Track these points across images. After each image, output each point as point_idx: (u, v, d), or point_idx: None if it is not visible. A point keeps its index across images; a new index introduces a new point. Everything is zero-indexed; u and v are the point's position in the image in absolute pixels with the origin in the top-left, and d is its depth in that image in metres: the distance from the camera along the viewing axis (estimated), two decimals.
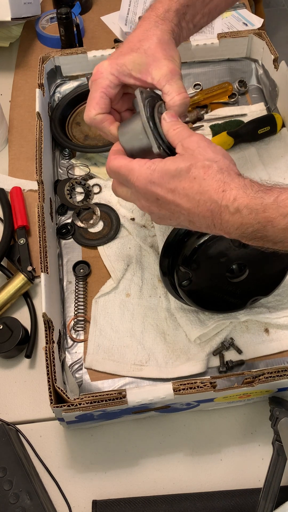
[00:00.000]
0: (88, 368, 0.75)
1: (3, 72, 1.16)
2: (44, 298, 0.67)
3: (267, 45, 0.99)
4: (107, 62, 0.64)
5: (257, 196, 0.51)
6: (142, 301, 0.80)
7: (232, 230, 0.53)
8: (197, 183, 0.53)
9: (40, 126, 0.86)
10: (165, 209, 0.57)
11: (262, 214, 0.50)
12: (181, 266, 0.68)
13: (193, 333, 0.75)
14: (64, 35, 1.10)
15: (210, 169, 0.53)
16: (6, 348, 0.75)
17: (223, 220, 0.53)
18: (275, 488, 0.62)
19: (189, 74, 1.06)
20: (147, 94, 0.61)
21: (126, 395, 0.61)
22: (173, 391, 0.61)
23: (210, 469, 0.70)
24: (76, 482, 0.69)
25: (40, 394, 0.75)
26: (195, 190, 0.53)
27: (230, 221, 0.52)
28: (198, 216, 0.54)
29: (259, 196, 0.51)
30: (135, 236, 0.86)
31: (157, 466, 0.70)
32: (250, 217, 0.51)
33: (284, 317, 0.76)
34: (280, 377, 0.62)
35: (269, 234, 0.51)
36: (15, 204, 0.91)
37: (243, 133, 0.96)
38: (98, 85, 0.63)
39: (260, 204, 0.50)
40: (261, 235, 0.52)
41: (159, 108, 0.61)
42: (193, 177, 0.53)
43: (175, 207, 0.55)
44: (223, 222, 0.53)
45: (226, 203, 0.51)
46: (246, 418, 0.73)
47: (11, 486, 0.64)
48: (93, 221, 0.89)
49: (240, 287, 0.71)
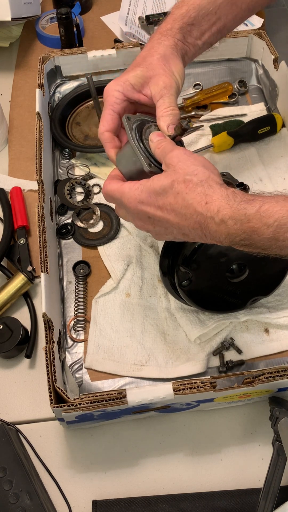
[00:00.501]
0: (88, 368, 0.75)
1: (3, 72, 1.16)
2: (44, 298, 0.67)
3: (267, 45, 0.99)
4: (114, 80, 0.67)
5: (240, 207, 0.52)
6: (142, 301, 0.80)
7: (222, 239, 0.54)
8: (181, 197, 0.55)
9: (40, 126, 0.86)
10: (158, 226, 0.59)
11: (247, 224, 0.52)
12: (181, 266, 0.68)
13: (193, 333, 0.75)
14: (64, 35, 1.10)
15: (191, 183, 0.54)
16: (6, 348, 0.75)
17: (211, 231, 0.54)
18: (275, 488, 0.62)
19: (189, 74, 1.06)
20: (134, 118, 0.64)
21: (126, 395, 0.61)
22: (173, 391, 0.61)
23: (210, 469, 0.70)
24: (76, 482, 0.69)
25: (40, 394, 0.75)
26: (180, 204, 0.55)
27: (218, 231, 0.54)
28: (188, 228, 0.56)
29: (242, 207, 0.52)
30: (135, 236, 0.86)
31: (157, 466, 0.70)
32: (235, 227, 0.52)
33: (284, 317, 0.76)
34: (280, 377, 0.62)
35: (256, 242, 0.53)
36: (15, 204, 0.91)
37: (243, 133, 0.96)
38: (107, 103, 0.66)
39: (244, 214, 0.52)
40: (248, 243, 0.53)
41: (147, 130, 0.64)
42: (176, 192, 0.55)
43: (166, 222, 0.57)
44: (212, 233, 0.54)
45: (211, 215, 0.53)
46: (246, 418, 0.73)
47: (11, 486, 0.64)
48: (93, 221, 0.89)
49: (240, 287, 0.71)
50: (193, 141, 0.98)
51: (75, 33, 1.10)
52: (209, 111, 1.03)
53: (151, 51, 0.67)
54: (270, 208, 0.51)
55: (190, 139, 0.98)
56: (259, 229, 0.51)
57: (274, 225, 0.51)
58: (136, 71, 0.66)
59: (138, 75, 0.66)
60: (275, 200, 0.52)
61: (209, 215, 0.53)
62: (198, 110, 1.04)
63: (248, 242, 0.53)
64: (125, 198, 0.59)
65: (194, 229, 0.55)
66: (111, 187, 0.61)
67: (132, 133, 0.63)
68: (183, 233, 0.57)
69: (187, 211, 0.54)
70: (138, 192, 0.58)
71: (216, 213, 0.52)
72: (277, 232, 0.51)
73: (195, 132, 0.99)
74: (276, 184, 0.92)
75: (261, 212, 0.51)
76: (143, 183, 0.58)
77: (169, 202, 0.55)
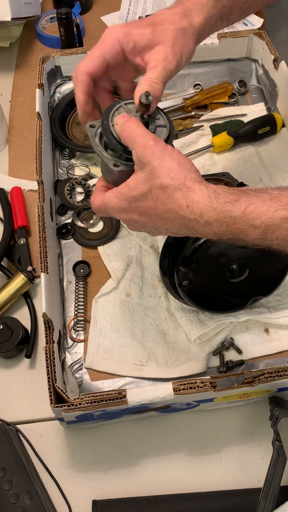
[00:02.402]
0: (88, 368, 0.75)
1: (3, 72, 1.16)
2: (44, 298, 0.67)
3: (267, 45, 0.99)
4: (119, 26, 0.60)
5: (225, 210, 0.51)
6: (142, 301, 0.80)
7: (210, 236, 0.54)
8: (161, 202, 0.54)
9: (40, 126, 0.86)
10: (147, 227, 0.59)
11: (233, 226, 0.51)
12: (181, 266, 0.68)
13: (193, 333, 0.75)
14: (64, 35, 1.10)
15: (168, 189, 0.53)
16: (6, 348, 0.75)
17: (197, 231, 0.54)
18: (275, 488, 0.62)
19: (189, 74, 1.06)
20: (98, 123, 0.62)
21: (126, 395, 0.61)
22: (173, 391, 0.61)
23: (210, 469, 0.70)
24: (76, 482, 0.69)
25: (40, 394, 0.75)
26: (161, 209, 0.54)
27: (204, 232, 0.53)
28: (175, 228, 0.56)
29: (226, 209, 0.51)
30: (135, 236, 0.86)
31: (157, 466, 0.70)
32: (221, 228, 0.52)
33: (284, 317, 0.76)
34: (280, 377, 0.62)
35: (243, 241, 0.52)
36: (15, 204, 0.91)
37: (243, 133, 0.96)
38: (101, 45, 0.60)
39: (229, 217, 0.51)
40: (237, 240, 0.53)
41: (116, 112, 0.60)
42: (155, 197, 0.54)
43: (152, 225, 0.57)
44: (199, 232, 0.54)
45: (195, 217, 0.52)
46: (246, 418, 0.73)
47: (11, 486, 0.64)
48: (93, 221, 0.89)
49: (240, 287, 0.71)
50: (193, 141, 0.98)
51: (75, 33, 1.10)
52: (209, 111, 1.03)
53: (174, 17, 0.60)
54: (256, 209, 0.50)
55: (190, 139, 0.98)
56: (246, 231, 0.51)
57: (261, 226, 0.50)
58: (146, 30, 0.60)
59: (145, 37, 0.59)
60: (261, 200, 0.50)
61: (192, 217, 0.52)
62: (198, 110, 1.04)
63: (236, 240, 0.53)
64: (109, 208, 0.58)
65: (181, 229, 0.55)
66: (96, 203, 0.60)
67: (95, 139, 0.61)
68: (172, 232, 0.57)
69: (169, 215, 0.54)
70: (118, 201, 0.57)
71: (200, 215, 0.51)
72: (265, 233, 0.50)
73: (195, 132, 0.99)
74: (276, 184, 0.92)
75: (247, 213, 0.50)
76: (121, 190, 0.56)
77: (150, 206, 0.54)
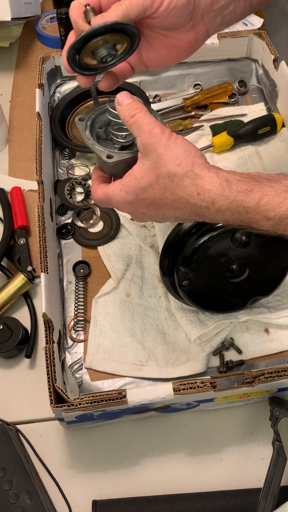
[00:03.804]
0: (88, 368, 0.75)
1: (3, 72, 1.16)
2: (44, 298, 0.67)
3: (267, 45, 0.99)
4: None
5: (238, 200, 0.50)
6: (142, 301, 0.80)
7: (221, 222, 0.54)
8: (169, 192, 0.53)
9: (40, 126, 0.86)
10: (155, 217, 0.58)
11: (245, 216, 0.51)
12: (181, 266, 0.68)
13: (193, 333, 0.75)
14: (64, 35, 1.10)
15: (175, 177, 0.52)
16: (6, 348, 0.75)
17: (208, 217, 0.54)
18: (275, 488, 0.62)
19: (189, 74, 1.06)
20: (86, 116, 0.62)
21: (126, 395, 0.61)
22: (173, 391, 0.61)
23: (210, 469, 0.70)
24: (76, 482, 0.69)
25: (40, 394, 0.75)
26: (170, 199, 0.53)
27: (215, 218, 0.53)
28: (186, 216, 0.55)
29: (239, 199, 0.50)
30: (135, 236, 0.86)
31: (157, 466, 0.70)
32: (233, 217, 0.52)
33: (284, 317, 0.76)
34: (280, 377, 0.62)
35: (255, 228, 0.52)
36: (15, 204, 0.91)
37: (243, 133, 0.96)
38: None
39: (242, 207, 0.50)
40: (248, 228, 0.53)
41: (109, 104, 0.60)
42: (163, 187, 0.53)
43: (161, 214, 0.57)
44: (209, 219, 0.54)
45: (206, 205, 0.52)
46: (246, 418, 0.73)
47: (11, 486, 0.64)
48: (93, 221, 0.89)
49: (240, 287, 0.71)
50: (193, 141, 0.98)
51: None
52: (209, 111, 1.03)
53: None
54: (270, 201, 0.49)
55: (190, 139, 0.98)
56: (259, 221, 0.51)
57: (275, 218, 0.50)
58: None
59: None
60: (275, 191, 0.50)
61: (204, 205, 0.52)
62: (198, 110, 1.04)
63: (246, 228, 0.53)
64: (114, 202, 0.58)
65: (191, 216, 0.55)
66: (97, 194, 0.59)
67: (86, 132, 0.60)
68: (181, 219, 0.57)
69: (179, 204, 0.53)
70: (123, 194, 0.56)
71: (211, 203, 0.51)
72: (278, 224, 0.50)
73: (195, 132, 0.99)
74: None
75: (261, 205, 0.50)
76: (126, 183, 0.55)
77: (158, 197, 0.54)
